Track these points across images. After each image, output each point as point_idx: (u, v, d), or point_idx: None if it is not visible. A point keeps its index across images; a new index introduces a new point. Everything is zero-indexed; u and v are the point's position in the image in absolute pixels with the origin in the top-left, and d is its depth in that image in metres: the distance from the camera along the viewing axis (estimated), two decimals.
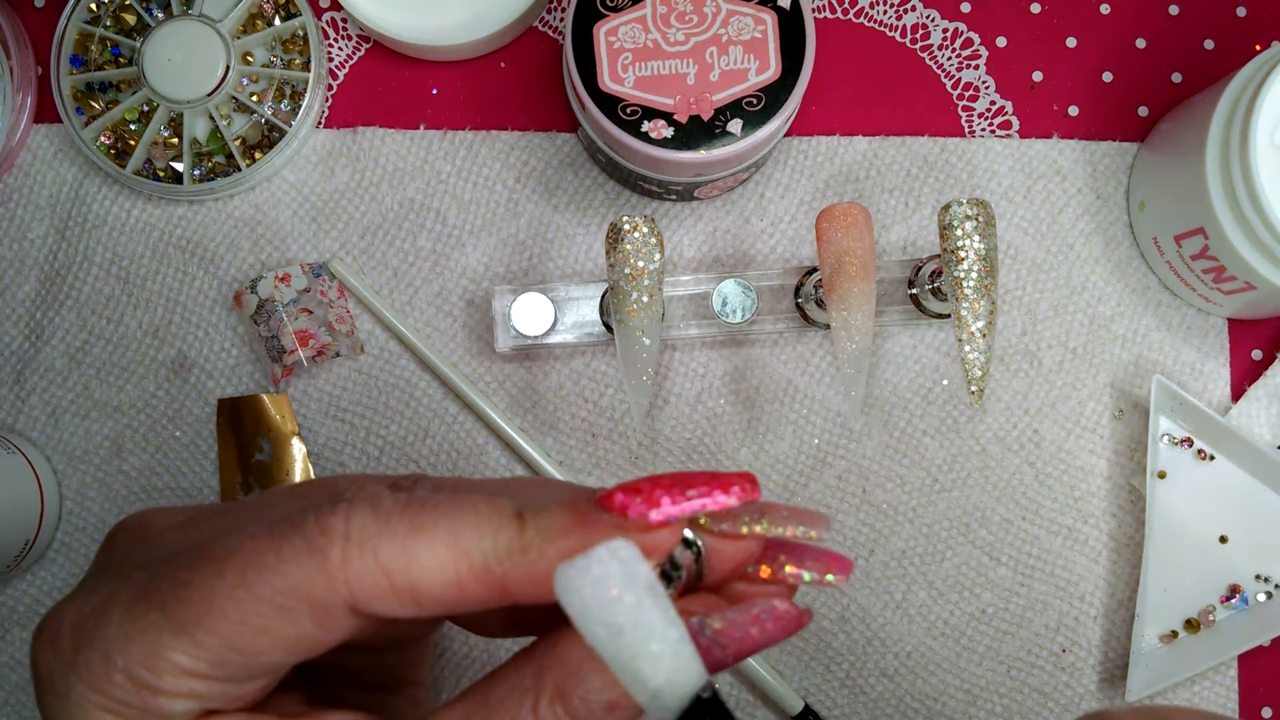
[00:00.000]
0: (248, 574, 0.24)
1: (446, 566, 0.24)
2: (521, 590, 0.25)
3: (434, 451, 0.52)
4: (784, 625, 0.26)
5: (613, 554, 0.23)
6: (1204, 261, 0.48)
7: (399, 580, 0.24)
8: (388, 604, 0.25)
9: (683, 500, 0.25)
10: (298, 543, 0.24)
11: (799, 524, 0.28)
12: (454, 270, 0.52)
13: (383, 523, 0.24)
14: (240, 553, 0.24)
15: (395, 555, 0.24)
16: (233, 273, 0.52)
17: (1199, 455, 0.51)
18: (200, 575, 0.24)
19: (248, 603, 0.24)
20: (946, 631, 0.51)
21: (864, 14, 0.54)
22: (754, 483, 0.25)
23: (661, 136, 0.45)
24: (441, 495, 0.25)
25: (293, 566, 0.24)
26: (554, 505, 0.25)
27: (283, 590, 0.24)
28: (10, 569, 0.49)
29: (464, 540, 0.24)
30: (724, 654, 0.25)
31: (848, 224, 0.43)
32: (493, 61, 0.53)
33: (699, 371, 0.52)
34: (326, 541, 0.24)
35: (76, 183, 0.52)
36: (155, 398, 0.52)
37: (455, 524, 0.25)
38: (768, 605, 0.26)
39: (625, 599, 0.23)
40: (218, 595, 0.24)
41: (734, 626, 0.26)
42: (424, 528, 0.24)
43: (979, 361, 0.43)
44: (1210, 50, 0.54)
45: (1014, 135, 0.53)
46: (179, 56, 0.50)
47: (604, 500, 0.25)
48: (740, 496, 0.25)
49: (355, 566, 0.24)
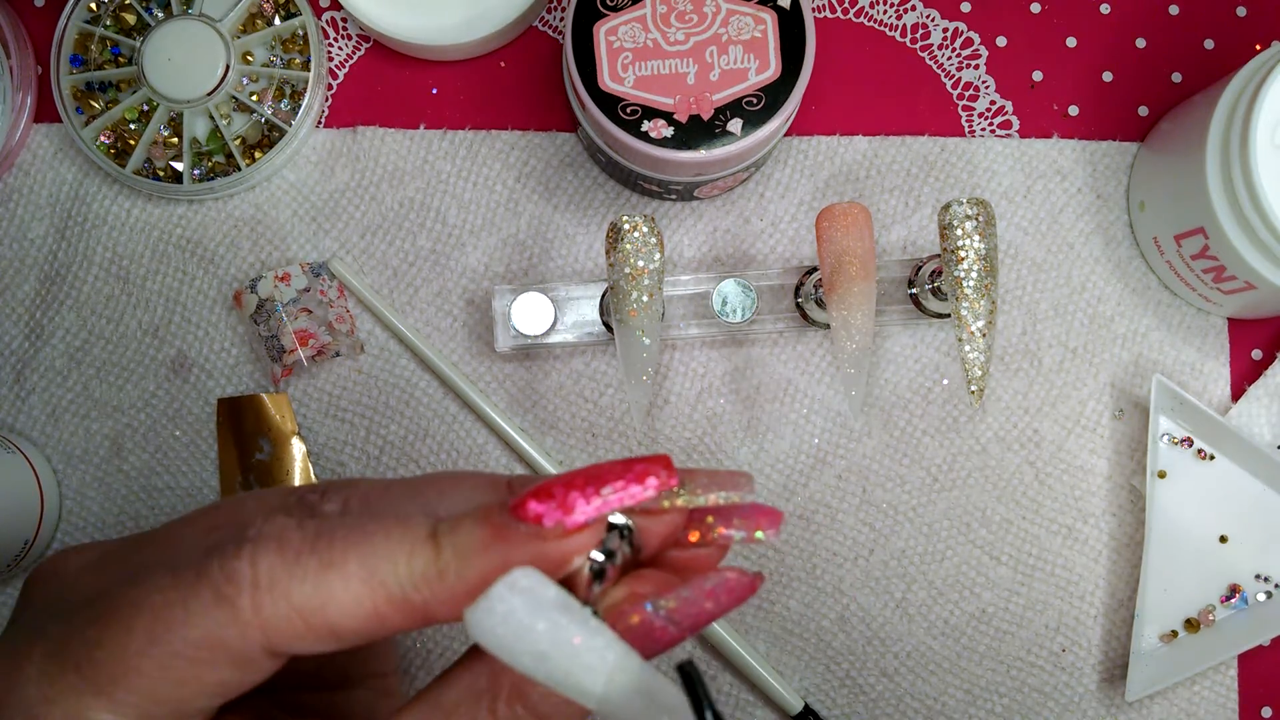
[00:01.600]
0: (156, 630, 0.23)
1: (362, 601, 0.23)
2: (444, 613, 0.24)
3: (434, 451, 0.52)
4: (737, 594, 0.26)
5: (511, 589, 0.23)
6: (1204, 261, 0.48)
7: (315, 620, 0.23)
8: (305, 644, 0.24)
9: (597, 499, 0.24)
10: (204, 593, 0.23)
11: (720, 488, 0.27)
12: (454, 270, 0.52)
13: (291, 563, 0.23)
14: (147, 607, 0.23)
15: (308, 596, 0.23)
16: (233, 272, 0.52)
17: (1199, 455, 0.51)
18: (110, 633, 0.23)
19: (161, 659, 0.23)
20: (946, 631, 0.51)
21: (864, 14, 0.54)
22: (669, 468, 0.25)
23: (661, 136, 0.45)
24: (350, 521, 0.24)
25: (201, 618, 0.23)
26: (468, 521, 0.24)
27: (194, 643, 0.23)
28: (10, 569, 0.49)
29: (378, 572, 0.23)
30: (679, 630, 0.25)
31: (848, 224, 0.43)
32: (493, 61, 0.53)
33: (699, 371, 0.52)
34: (234, 590, 0.23)
35: (76, 182, 0.52)
36: (155, 398, 0.52)
37: (366, 555, 0.24)
38: (719, 578, 0.26)
39: (538, 627, 0.23)
40: (130, 654, 0.23)
41: (687, 603, 0.25)
42: (334, 563, 0.23)
43: (979, 361, 0.43)
44: (1210, 50, 0.54)
45: (1014, 135, 0.53)
46: (179, 56, 0.50)
47: (517, 509, 0.24)
48: (657, 487, 0.24)
49: (267, 613, 0.23)
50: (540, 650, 0.23)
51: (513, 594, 0.23)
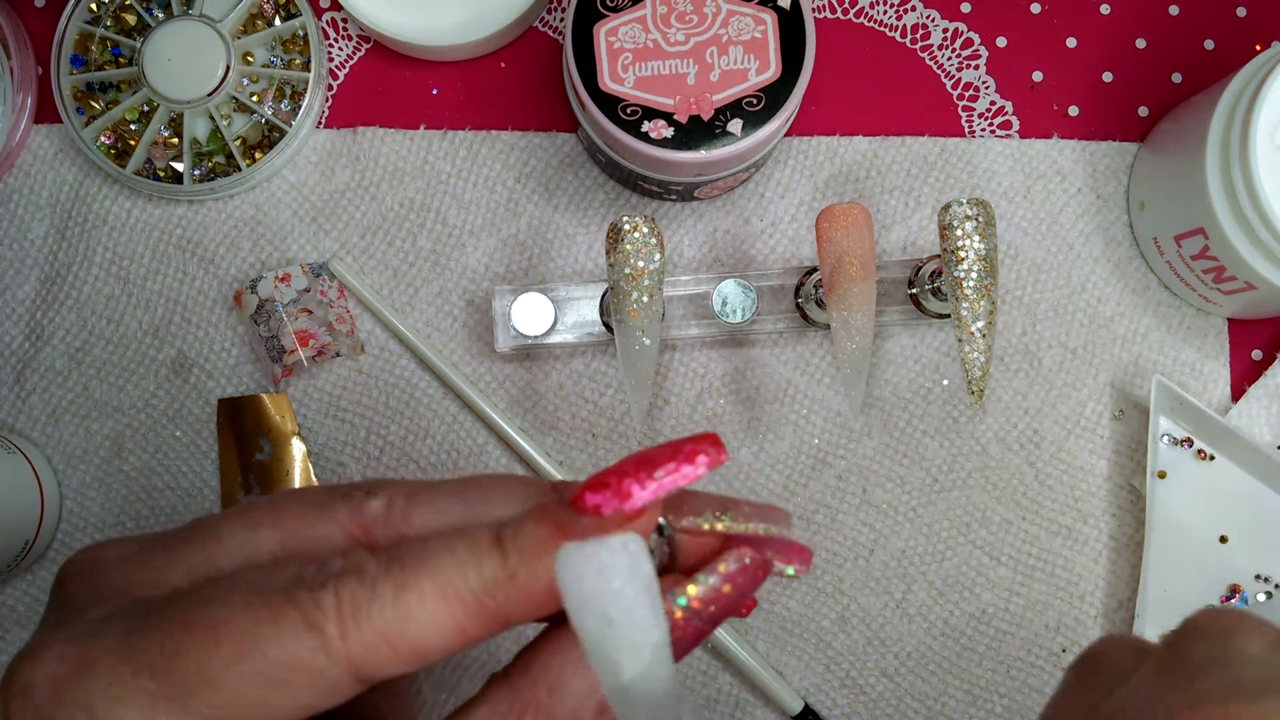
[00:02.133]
0: (245, 647, 0.23)
1: (441, 616, 0.24)
2: (521, 613, 0.25)
3: (434, 451, 0.52)
4: (752, 575, 0.26)
5: (624, 546, 0.23)
6: (1204, 261, 0.48)
7: (399, 643, 0.24)
8: (392, 666, 0.24)
9: (651, 483, 0.24)
10: (294, 618, 0.24)
11: (761, 520, 0.28)
12: (454, 270, 0.52)
13: (369, 589, 0.24)
14: (236, 624, 0.24)
15: (389, 620, 0.24)
16: (233, 273, 0.52)
17: (1199, 455, 0.51)
18: (194, 644, 0.24)
19: (245, 676, 0.23)
20: (946, 631, 0.51)
21: (864, 14, 0.54)
22: (717, 444, 0.25)
23: (661, 136, 0.45)
24: (417, 544, 0.25)
25: (292, 641, 0.24)
26: (529, 521, 0.25)
27: (282, 664, 0.24)
28: (10, 569, 0.49)
29: (451, 584, 0.24)
30: (702, 623, 0.26)
31: (848, 224, 0.43)
32: (493, 61, 0.53)
33: (699, 371, 0.52)
34: (322, 617, 0.24)
35: (76, 183, 0.52)
36: (155, 398, 0.52)
37: (437, 571, 0.24)
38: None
39: (625, 593, 0.23)
40: (214, 668, 0.23)
41: (706, 589, 0.26)
42: (408, 584, 0.24)
43: (979, 361, 0.43)
44: (1210, 50, 0.54)
45: (1014, 135, 0.53)
46: (179, 56, 0.50)
47: (575, 503, 0.24)
48: (708, 464, 0.25)
49: (353, 639, 0.24)
50: (609, 615, 0.23)
51: (623, 550, 0.23)
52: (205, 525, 0.27)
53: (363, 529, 0.27)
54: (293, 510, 0.27)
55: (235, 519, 0.27)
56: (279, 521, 0.27)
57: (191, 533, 0.27)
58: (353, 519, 0.27)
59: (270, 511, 0.27)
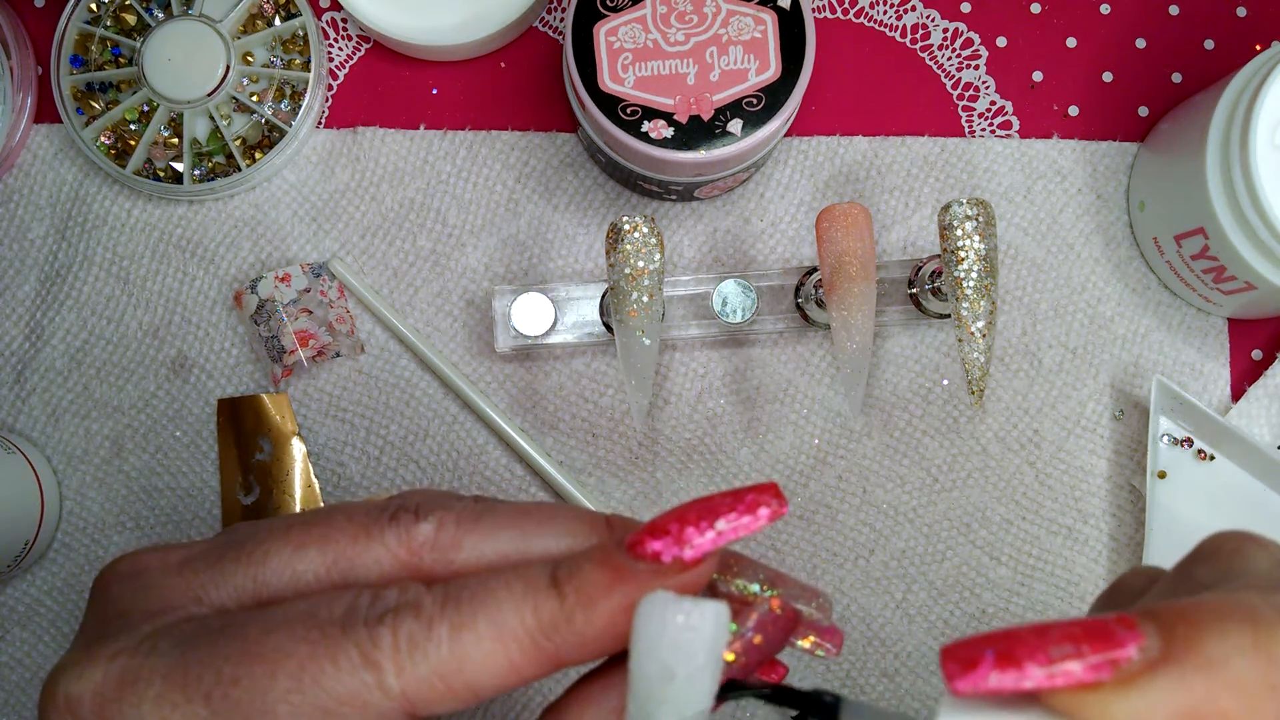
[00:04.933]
0: (303, 680, 0.24)
1: (497, 656, 0.24)
2: (575, 656, 0.25)
3: (434, 451, 0.52)
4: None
5: (716, 616, 0.23)
6: (1204, 261, 0.48)
7: (454, 682, 0.24)
8: (446, 705, 0.24)
9: (711, 532, 0.24)
10: (352, 653, 0.24)
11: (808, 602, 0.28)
12: (454, 270, 0.52)
13: (426, 627, 0.24)
14: (294, 656, 0.24)
15: (444, 659, 0.24)
16: (233, 273, 0.52)
17: (1199, 455, 0.51)
18: (251, 673, 0.24)
19: (300, 707, 0.24)
20: (947, 631, 0.51)
21: (864, 14, 0.54)
22: (779, 496, 0.25)
23: (661, 136, 0.45)
24: (474, 581, 0.25)
25: (349, 677, 0.24)
26: (587, 564, 0.25)
27: (338, 698, 0.24)
28: (10, 569, 0.49)
29: (508, 626, 0.24)
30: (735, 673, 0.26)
31: (848, 224, 0.43)
32: (493, 61, 0.53)
33: (699, 371, 0.52)
34: (380, 654, 0.24)
35: (76, 183, 0.52)
36: (155, 398, 0.52)
37: (493, 611, 0.24)
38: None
39: (698, 658, 0.23)
40: (271, 698, 0.24)
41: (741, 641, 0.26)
42: (464, 624, 0.24)
43: (979, 361, 0.43)
44: (1210, 50, 0.54)
45: (1014, 135, 0.53)
46: (179, 56, 0.50)
47: (635, 548, 0.24)
48: (769, 518, 0.25)
49: (408, 675, 0.24)
50: (673, 671, 0.23)
51: (707, 620, 0.23)
52: (250, 541, 0.27)
53: (411, 554, 0.26)
54: (340, 532, 0.27)
55: (281, 538, 0.27)
56: (326, 543, 0.26)
57: (237, 549, 0.27)
58: (401, 543, 0.26)
59: (317, 531, 0.27)
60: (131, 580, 0.27)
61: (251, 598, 0.26)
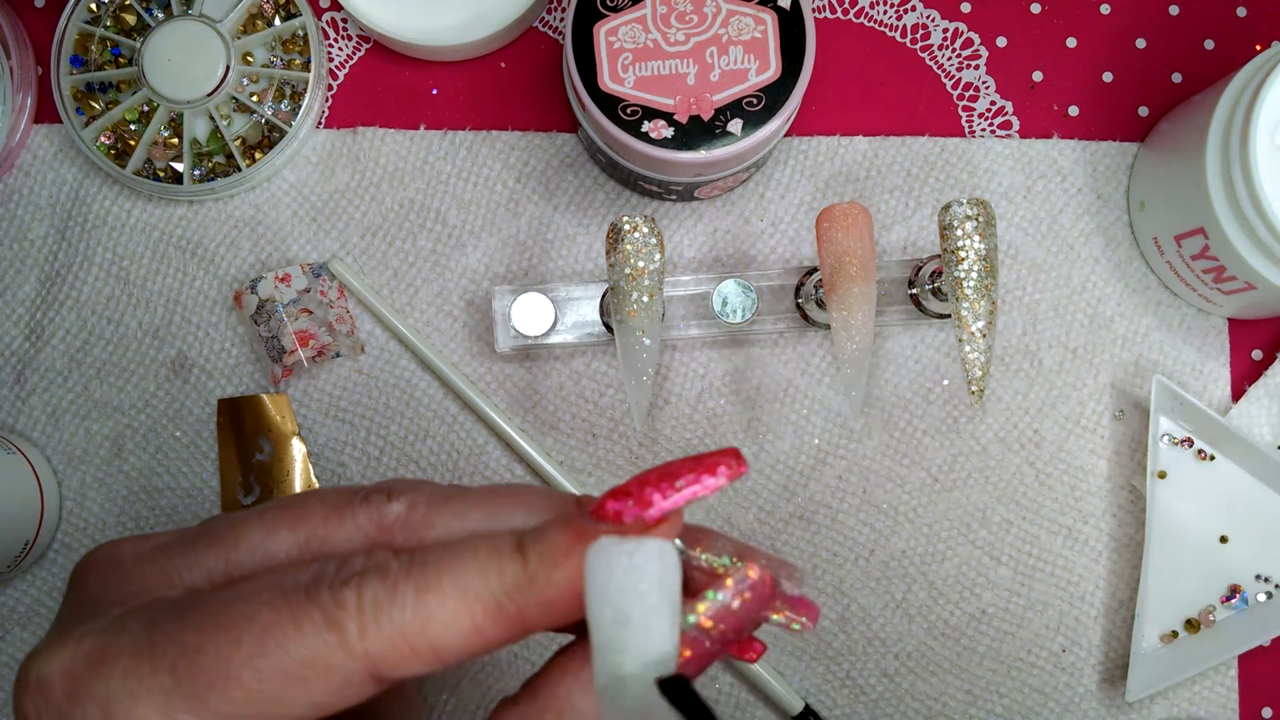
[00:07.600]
0: (266, 644, 0.24)
1: (460, 617, 0.24)
2: (538, 619, 0.25)
3: (434, 451, 0.52)
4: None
5: (660, 553, 0.23)
6: (1204, 261, 0.48)
7: (418, 643, 0.24)
8: (411, 666, 0.25)
9: (673, 492, 0.25)
10: (315, 615, 0.24)
11: (778, 573, 0.28)
12: (454, 270, 0.52)
13: (391, 588, 0.24)
14: (257, 621, 0.24)
15: (409, 620, 0.24)
16: (233, 273, 0.52)
17: (1199, 455, 0.51)
18: (214, 641, 0.24)
19: (264, 672, 0.24)
20: (947, 631, 0.51)
21: (864, 14, 0.54)
22: (738, 457, 0.25)
23: (661, 136, 0.45)
24: (439, 547, 0.25)
25: (312, 639, 0.24)
26: (551, 528, 0.25)
27: (301, 661, 0.24)
28: (10, 569, 0.49)
29: (472, 587, 0.24)
30: (711, 644, 0.26)
31: (848, 224, 0.43)
32: (493, 61, 0.53)
33: (699, 371, 0.52)
34: (344, 615, 0.24)
35: (76, 183, 0.52)
36: (155, 398, 0.52)
37: (459, 573, 0.24)
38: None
39: (649, 598, 0.23)
40: (234, 664, 0.24)
41: (716, 606, 0.26)
42: (430, 586, 0.24)
43: (979, 361, 0.43)
44: (1210, 50, 0.54)
45: (1014, 135, 0.53)
46: (179, 56, 0.50)
47: (597, 511, 0.25)
48: (728, 475, 0.25)
49: (372, 636, 0.24)
50: (627, 614, 0.23)
51: (651, 558, 0.23)
52: (224, 526, 0.27)
53: (382, 532, 0.27)
54: (312, 512, 0.27)
55: (254, 521, 0.27)
56: (298, 524, 0.27)
57: (210, 533, 0.27)
58: (372, 522, 0.27)
59: (289, 513, 0.27)
60: (105, 570, 0.27)
61: (223, 578, 0.26)
